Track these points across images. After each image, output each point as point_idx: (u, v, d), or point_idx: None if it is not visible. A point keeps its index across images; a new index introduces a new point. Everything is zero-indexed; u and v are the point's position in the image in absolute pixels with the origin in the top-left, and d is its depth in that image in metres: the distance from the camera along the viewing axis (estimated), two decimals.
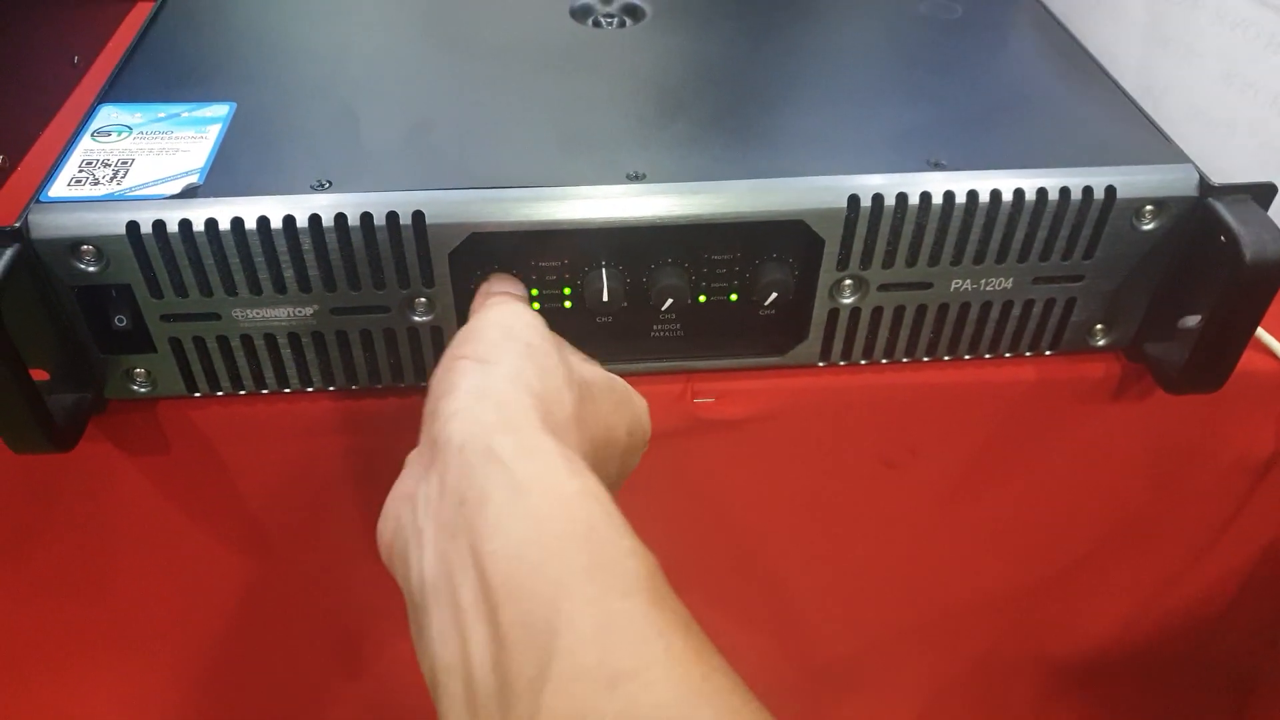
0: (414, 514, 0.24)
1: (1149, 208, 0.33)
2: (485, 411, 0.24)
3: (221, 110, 0.34)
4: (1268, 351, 0.38)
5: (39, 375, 0.31)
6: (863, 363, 0.36)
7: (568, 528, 0.21)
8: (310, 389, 0.34)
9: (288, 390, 0.34)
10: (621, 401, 0.29)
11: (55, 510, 0.36)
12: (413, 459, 0.26)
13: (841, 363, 0.36)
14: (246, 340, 0.32)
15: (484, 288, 0.32)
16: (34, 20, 0.46)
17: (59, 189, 0.30)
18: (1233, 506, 0.43)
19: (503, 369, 0.25)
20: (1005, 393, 0.38)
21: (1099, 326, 0.36)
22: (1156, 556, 0.46)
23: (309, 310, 0.31)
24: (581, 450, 0.24)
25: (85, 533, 0.37)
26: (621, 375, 0.36)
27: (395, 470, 0.37)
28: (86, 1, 0.52)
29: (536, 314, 0.28)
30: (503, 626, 0.20)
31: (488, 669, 0.20)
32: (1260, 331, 0.37)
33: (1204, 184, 0.33)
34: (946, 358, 0.37)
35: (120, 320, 0.31)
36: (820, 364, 0.36)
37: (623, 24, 0.42)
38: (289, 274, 0.31)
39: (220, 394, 0.34)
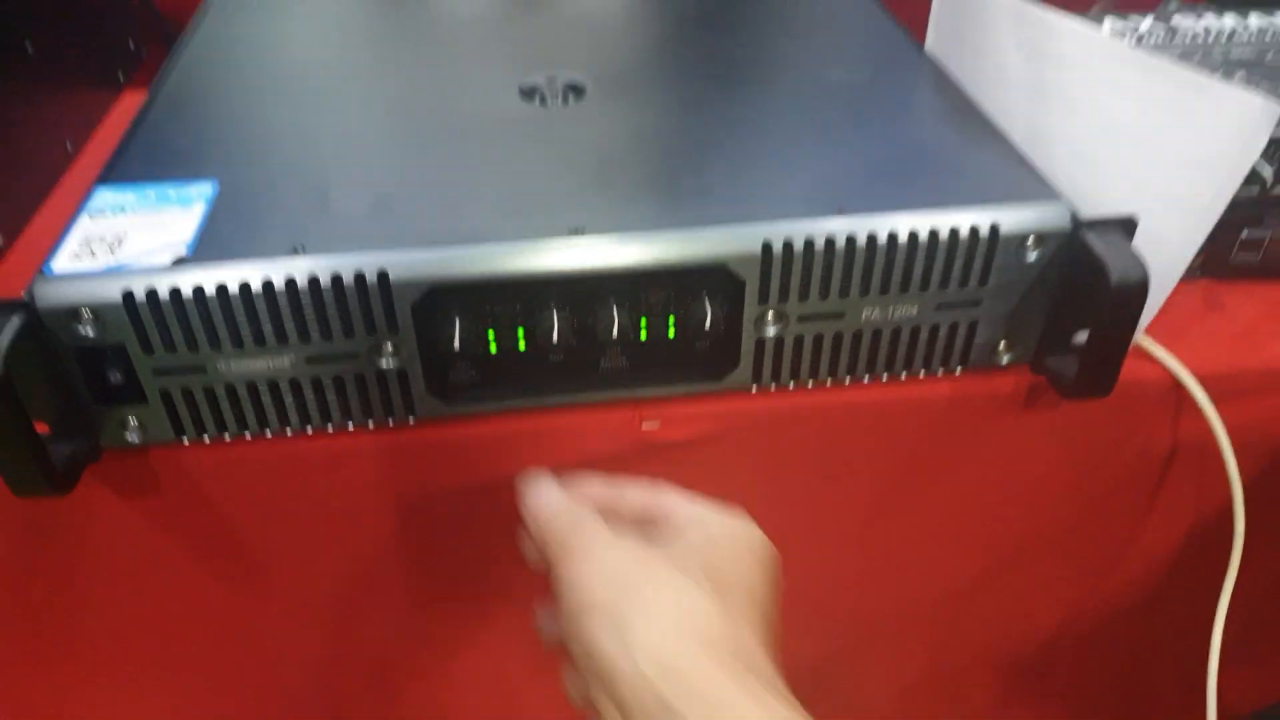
0: None
1: (1030, 240, 0.37)
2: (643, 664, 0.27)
3: (205, 188, 0.38)
4: (1151, 358, 0.42)
5: (40, 428, 0.34)
6: (791, 386, 0.40)
7: None
8: (289, 431, 0.37)
9: (269, 433, 0.37)
10: (737, 537, 0.32)
11: (54, 551, 0.39)
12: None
13: (772, 386, 0.40)
14: (230, 389, 0.35)
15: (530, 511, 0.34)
16: (29, 110, 0.51)
17: (62, 263, 0.34)
18: (1144, 495, 0.47)
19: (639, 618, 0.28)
20: (924, 408, 0.42)
21: (1002, 345, 0.40)
22: (1084, 548, 0.50)
23: (286, 361, 0.35)
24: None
25: (83, 573, 0.40)
26: (575, 406, 0.40)
27: (372, 503, 0.40)
28: (77, 92, 0.57)
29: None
30: None
31: None
32: (1145, 339, 0.42)
33: (1075, 219, 0.37)
34: (866, 378, 0.41)
35: (115, 376, 0.34)
36: (753, 388, 0.40)
37: (566, 101, 0.47)
38: (268, 329, 0.34)
39: (207, 439, 0.37)
